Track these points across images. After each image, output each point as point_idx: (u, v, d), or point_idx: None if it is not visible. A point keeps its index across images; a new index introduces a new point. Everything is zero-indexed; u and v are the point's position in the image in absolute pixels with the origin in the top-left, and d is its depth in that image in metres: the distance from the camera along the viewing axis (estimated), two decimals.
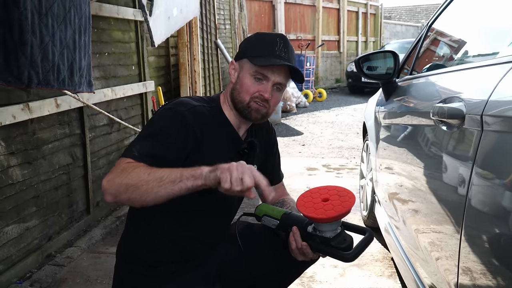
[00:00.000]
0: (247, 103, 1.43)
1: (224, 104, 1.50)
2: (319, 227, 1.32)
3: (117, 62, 3.45)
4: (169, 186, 1.21)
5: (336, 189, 1.35)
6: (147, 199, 1.23)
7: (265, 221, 1.46)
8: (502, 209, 1.02)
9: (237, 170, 1.19)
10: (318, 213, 1.27)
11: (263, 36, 1.49)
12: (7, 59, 1.84)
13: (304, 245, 1.34)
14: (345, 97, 10.99)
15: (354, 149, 5.62)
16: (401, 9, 26.88)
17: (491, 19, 1.60)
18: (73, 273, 2.46)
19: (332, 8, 12.85)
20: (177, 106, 1.41)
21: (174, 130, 1.36)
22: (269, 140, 1.66)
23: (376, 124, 2.66)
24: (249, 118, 1.45)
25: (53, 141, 2.69)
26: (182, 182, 1.21)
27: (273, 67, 1.41)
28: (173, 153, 1.34)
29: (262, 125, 1.64)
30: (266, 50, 1.42)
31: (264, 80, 1.42)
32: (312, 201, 1.32)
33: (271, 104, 1.45)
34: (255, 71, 1.42)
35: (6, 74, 1.84)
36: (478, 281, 1.14)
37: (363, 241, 1.34)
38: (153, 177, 1.22)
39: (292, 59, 1.45)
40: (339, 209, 1.27)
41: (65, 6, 2.18)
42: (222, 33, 7.38)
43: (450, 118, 1.31)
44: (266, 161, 1.65)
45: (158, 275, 1.47)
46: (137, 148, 1.32)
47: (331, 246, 1.31)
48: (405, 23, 20.71)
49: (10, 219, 2.33)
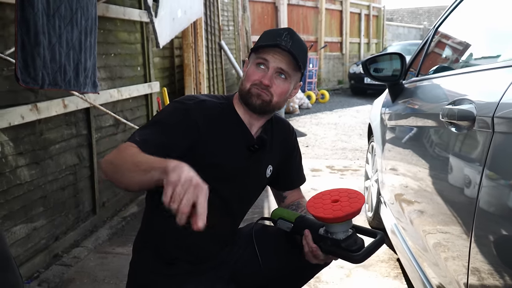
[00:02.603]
0: (248, 89, 1.43)
1: (236, 100, 1.51)
2: (329, 229, 1.33)
3: (123, 63, 3.46)
4: (142, 174, 1.13)
5: (347, 191, 1.36)
6: (124, 181, 1.19)
7: (280, 224, 1.47)
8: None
9: (183, 186, 1.01)
10: (326, 213, 1.29)
11: (270, 31, 1.50)
12: (25, 60, 1.86)
13: (314, 248, 1.34)
14: (347, 99, 10.99)
15: (357, 150, 5.62)
16: (403, 11, 26.88)
17: (500, 21, 1.61)
18: (81, 273, 2.47)
19: (334, 10, 12.87)
20: (184, 100, 1.45)
21: (175, 119, 1.38)
22: (288, 141, 1.65)
23: (382, 126, 2.67)
24: (250, 104, 1.44)
25: (60, 142, 2.70)
26: (150, 173, 1.11)
27: (274, 52, 1.40)
28: (172, 141, 1.35)
29: (282, 126, 1.63)
30: (268, 40, 1.43)
31: (265, 67, 1.42)
32: (322, 203, 1.34)
33: (274, 92, 1.43)
34: (256, 57, 1.43)
35: (25, 75, 1.86)
36: (487, 281, 1.15)
37: (373, 243, 1.35)
38: (132, 160, 1.18)
39: (298, 49, 1.42)
40: (347, 209, 1.28)
41: (72, 8, 2.19)
42: (226, 34, 7.39)
43: (460, 120, 1.32)
44: (286, 163, 1.64)
45: (173, 273, 1.47)
46: (139, 133, 1.34)
47: (341, 248, 1.32)
48: (408, 25, 20.71)
49: (18, 219, 2.35)
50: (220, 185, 1.44)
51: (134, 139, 1.31)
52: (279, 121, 1.65)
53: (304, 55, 1.47)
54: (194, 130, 1.38)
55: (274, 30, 1.47)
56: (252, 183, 1.57)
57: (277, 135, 1.60)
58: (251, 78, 1.43)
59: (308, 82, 10.10)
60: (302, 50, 1.46)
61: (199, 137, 1.39)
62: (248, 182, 1.54)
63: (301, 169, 1.73)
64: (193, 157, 1.37)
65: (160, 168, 1.08)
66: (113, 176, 1.23)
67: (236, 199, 1.53)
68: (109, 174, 1.24)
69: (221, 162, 1.44)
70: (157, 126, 1.37)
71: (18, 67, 1.85)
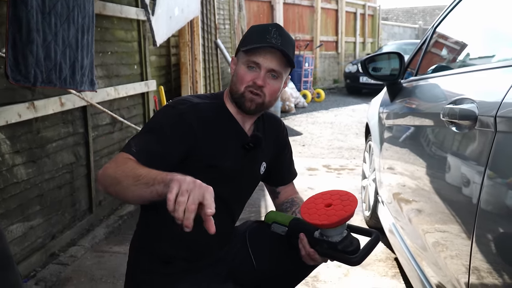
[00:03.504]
0: (242, 93, 1.42)
1: (227, 98, 1.50)
2: (325, 233, 1.33)
3: (120, 61, 3.45)
4: (143, 187, 1.14)
5: (339, 193, 1.35)
6: (126, 196, 1.19)
7: (275, 228, 1.46)
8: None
9: (188, 185, 1.02)
10: (321, 219, 1.28)
11: (257, 27, 1.48)
12: (16, 58, 1.84)
13: (311, 252, 1.35)
14: (343, 98, 11.01)
15: (354, 149, 5.63)
16: (398, 11, 26.95)
17: (500, 20, 1.62)
18: (78, 272, 2.46)
19: (330, 9, 12.88)
20: (177, 104, 1.43)
21: (170, 126, 1.36)
22: (280, 138, 1.65)
23: (380, 125, 2.67)
24: (243, 108, 1.44)
25: (57, 140, 2.68)
26: (153, 186, 1.11)
27: (265, 54, 1.39)
28: (168, 148, 1.33)
29: (273, 123, 1.63)
30: (257, 39, 1.40)
31: (256, 68, 1.41)
32: (316, 207, 1.33)
33: (267, 92, 1.42)
34: (247, 60, 1.41)
35: (15, 73, 1.85)
36: (488, 280, 1.15)
37: (369, 243, 1.35)
38: (133, 174, 1.18)
39: (287, 46, 1.41)
40: (341, 213, 1.28)
41: (68, 5, 2.18)
42: (222, 33, 7.38)
43: (462, 119, 1.32)
44: (277, 159, 1.65)
45: (170, 272, 1.47)
46: (135, 143, 1.33)
47: (338, 250, 1.32)
48: (403, 25, 20.77)
49: (14, 218, 2.33)
50: (217, 185, 1.43)
51: (130, 150, 1.30)
52: (270, 117, 1.65)
53: (293, 50, 1.46)
54: (190, 135, 1.38)
55: (261, 27, 1.45)
56: (247, 181, 1.57)
57: (269, 132, 1.60)
58: (244, 80, 1.42)
59: (303, 81, 10.10)
60: (292, 46, 1.45)
61: (195, 141, 1.38)
62: (244, 180, 1.54)
63: (292, 165, 1.74)
64: (191, 161, 1.36)
65: (163, 182, 1.08)
66: (113, 188, 1.22)
67: (233, 198, 1.52)
68: (108, 186, 1.23)
69: (218, 163, 1.44)
70: (152, 134, 1.36)
71: (8, 64, 1.83)
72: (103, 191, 1.26)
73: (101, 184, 1.25)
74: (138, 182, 1.15)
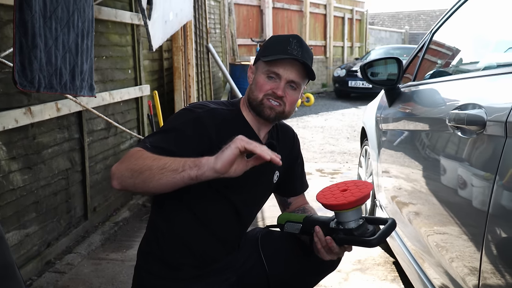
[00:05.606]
0: (260, 100, 1.44)
1: (243, 106, 1.51)
2: (341, 219, 1.34)
3: (114, 66, 3.42)
4: (171, 174, 1.19)
5: (354, 181, 1.41)
6: (150, 185, 1.21)
7: (288, 227, 1.46)
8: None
9: (241, 140, 1.20)
10: (338, 200, 1.31)
11: (277, 37, 1.50)
12: (23, 63, 1.82)
13: (328, 239, 1.35)
14: (332, 102, 11.06)
15: (346, 153, 5.66)
16: (384, 15, 27.24)
17: (504, 25, 1.63)
18: (75, 280, 2.42)
19: (318, 14, 12.96)
20: (195, 107, 1.44)
21: (187, 129, 1.37)
22: (293, 149, 1.67)
23: (378, 130, 2.68)
24: (262, 115, 1.45)
25: (52, 146, 2.65)
26: (184, 171, 1.18)
27: (285, 65, 1.41)
28: (183, 150, 1.33)
29: (287, 134, 1.64)
30: (278, 49, 1.42)
31: (276, 79, 1.43)
32: (332, 193, 1.37)
33: (287, 102, 1.44)
34: (267, 70, 1.43)
35: (22, 78, 1.82)
36: (500, 281, 1.16)
37: (387, 227, 1.37)
38: (157, 164, 1.21)
39: (307, 57, 1.44)
40: (358, 194, 1.31)
41: (68, 10, 2.15)
42: (212, 37, 7.37)
43: (470, 124, 1.33)
44: (290, 170, 1.66)
45: (179, 278, 1.46)
46: (150, 141, 1.34)
47: (355, 236, 1.32)
48: (389, 29, 20.98)
49: (11, 226, 2.29)
50: (230, 192, 1.44)
51: (145, 145, 1.30)
52: (283, 127, 1.66)
53: (312, 62, 1.49)
54: (206, 139, 1.38)
55: (281, 38, 1.47)
56: (261, 189, 1.58)
57: (283, 141, 1.62)
58: (263, 88, 1.43)
59: None
60: (310, 57, 1.48)
61: (210, 145, 1.38)
62: (257, 189, 1.55)
63: (304, 176, 1.77)
64: None
65: (196, 166, 1.18)
66: (132, 181, 1.22)
67: (245, 205, 1.52)
68: (126, 179, 1.23)
69: None
70: (168, 134, 1.36)
71: (16, 70, 1.80)
72: (118, 186, 1.26)
73: (117, 179, 1.24)
74: (164, 170, 1.19)
